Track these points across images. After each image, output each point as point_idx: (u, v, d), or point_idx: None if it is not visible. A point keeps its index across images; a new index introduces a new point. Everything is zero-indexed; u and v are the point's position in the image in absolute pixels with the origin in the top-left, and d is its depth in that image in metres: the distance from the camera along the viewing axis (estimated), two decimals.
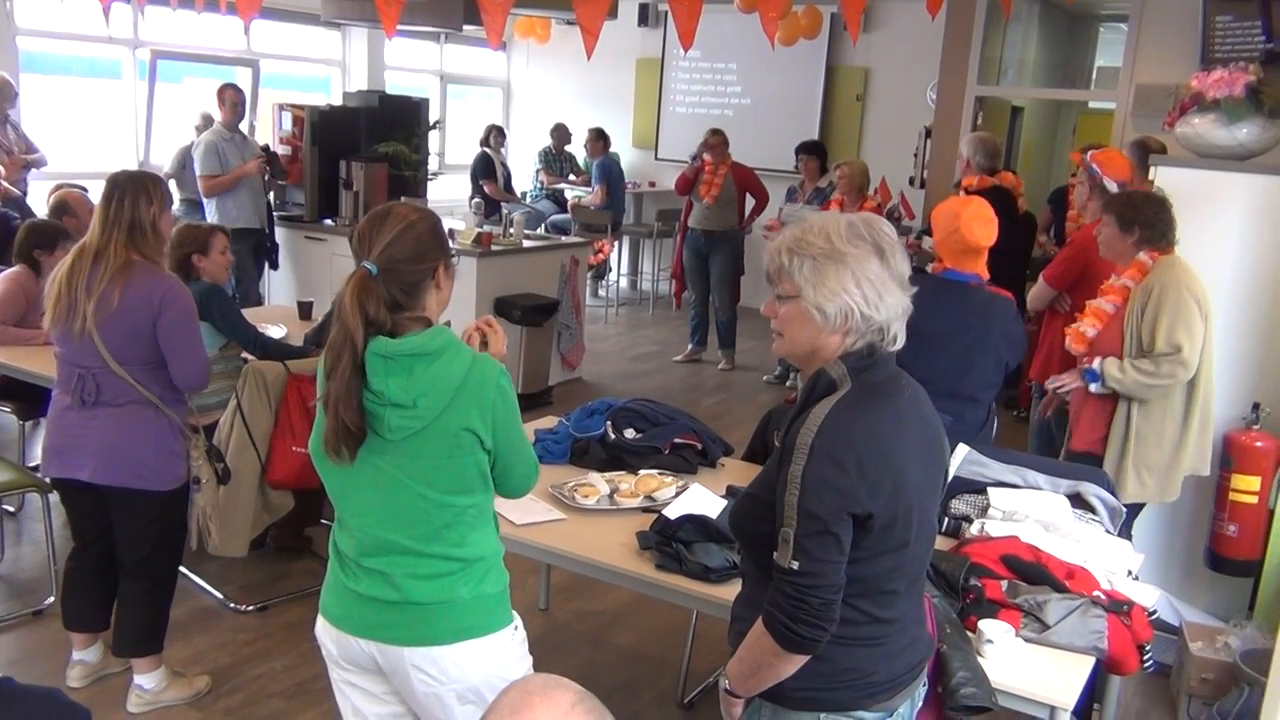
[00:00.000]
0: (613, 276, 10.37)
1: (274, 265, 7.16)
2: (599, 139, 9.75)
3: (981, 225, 3.33)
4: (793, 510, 1.71)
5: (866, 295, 1.74)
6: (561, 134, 10.29)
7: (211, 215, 6.61)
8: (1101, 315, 3.62)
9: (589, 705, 1.14)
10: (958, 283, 3.37)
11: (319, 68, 9.75)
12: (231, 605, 4.00)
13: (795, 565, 1.71)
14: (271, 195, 7.13)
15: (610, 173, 9.68)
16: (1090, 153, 4.38)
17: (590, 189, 9.80)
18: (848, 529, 1.71)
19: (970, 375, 3.34)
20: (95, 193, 3.32)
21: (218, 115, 6.82)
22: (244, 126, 6.90)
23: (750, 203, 7.86)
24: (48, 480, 3.30)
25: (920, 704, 2.04)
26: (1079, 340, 3.62)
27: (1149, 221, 3.52)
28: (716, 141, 7.67)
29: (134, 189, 3.03)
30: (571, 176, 10.30)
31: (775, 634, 1.75)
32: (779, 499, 1.75)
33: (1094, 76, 9.96)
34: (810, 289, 1.76)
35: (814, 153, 7.54)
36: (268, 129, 7.36)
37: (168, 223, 3.12)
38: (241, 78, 8.31)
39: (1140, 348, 3.47)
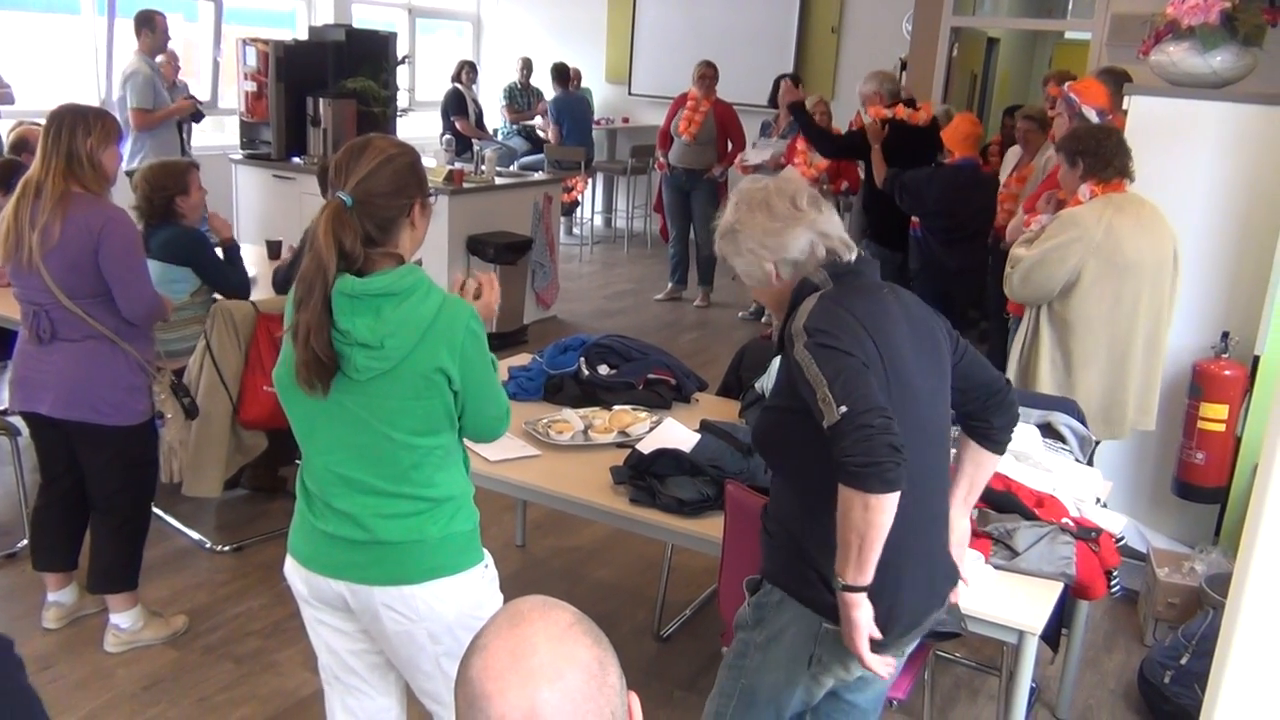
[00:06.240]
0: (587, 214, 10.28)
1: None
2: (556, 76, 9.59)
3: (962, 123, 5.57)
4: (815, 378, 1.80)
5: (769, 245, 1.99)
6: (526, 67, 10.11)
7: (140, 152, 6.22)
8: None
9: (586, 626, 1.12)
10: (964, 166, 5.49)
11: (283, 1, 9.52)
12: (208, 545, 4.00)
13: (843, 410, 1.75)
14: (185, 135, 6.75)
15: (568, 111, 9.48)
16: (1068, 83, 4.36)
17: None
18: (862, 365, 1.81)
19: (984, 217, 5.30)
20: None
21: (135, 43, 6.38)
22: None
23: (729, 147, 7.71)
24: (15, 413, 3.27)
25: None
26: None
27: (1090, 150, 3.49)
28: (706, 73, 7.49)
29: (72, 120, 3.00)
30: (539, 118, 10.13)
31: (854, 481, 1.74)
32: (798, 384, 1.84)
33: (1070, 6, 9.87)
34: (740, 265, 2.05)
35: None
36: (232, 65, 7.16)
37: (110, 157, 3.06)
38: (204, 12, 8.10)
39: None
